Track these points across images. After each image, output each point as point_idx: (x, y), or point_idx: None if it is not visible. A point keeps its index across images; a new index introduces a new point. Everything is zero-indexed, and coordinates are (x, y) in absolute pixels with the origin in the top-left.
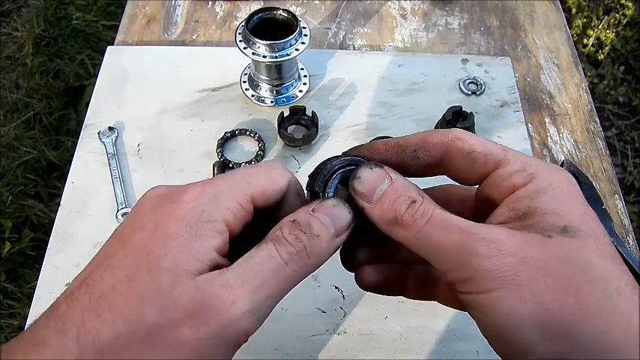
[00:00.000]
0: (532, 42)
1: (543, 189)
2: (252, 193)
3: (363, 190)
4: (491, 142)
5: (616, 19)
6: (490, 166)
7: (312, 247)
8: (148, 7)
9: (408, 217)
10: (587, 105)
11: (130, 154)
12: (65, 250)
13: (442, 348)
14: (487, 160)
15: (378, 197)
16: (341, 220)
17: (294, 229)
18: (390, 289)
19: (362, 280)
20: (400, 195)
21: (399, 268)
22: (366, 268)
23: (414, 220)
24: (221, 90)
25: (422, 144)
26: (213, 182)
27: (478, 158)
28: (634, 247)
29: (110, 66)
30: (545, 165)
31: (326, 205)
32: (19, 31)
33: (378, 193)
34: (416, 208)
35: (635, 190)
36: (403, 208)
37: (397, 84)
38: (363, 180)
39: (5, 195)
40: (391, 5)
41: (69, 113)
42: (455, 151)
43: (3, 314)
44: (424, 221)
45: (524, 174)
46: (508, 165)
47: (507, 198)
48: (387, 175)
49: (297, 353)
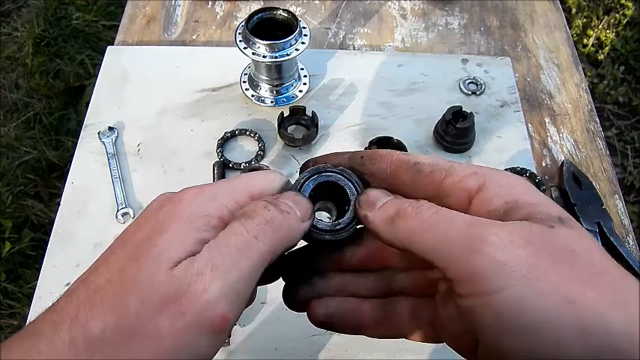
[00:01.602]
0: (532, 42)
1: (507, 184)
2: (250, 192)
3: (368, 199)
4: (438, 157)
5: (616, 19)
6: (436, 176)
7: (282, 219)
8: (148, 7)
9: (412, 209)
10: (587, 105)
11: (130, 154)
12: (65, 250)
13: (442, 348)
14: (433, 170)
15: (381, 205)
16: (303, 206)
17: (263, 203)
18: (345, 325)
19: (312, 315)
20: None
21: (354, 300)
22: (316, 302)
23: (419, 211)
24: (221, 90)
25: (370, 154)
26: (213, 184)
27: (424, 168)
28: (634, 247)
29: (110, 66)
30: (492, 168)
31: (287, 194)
32: (19, 31)
33: (381, 202)
34: (420, 203)
35: (635, 190)
36: (407, 204)
37: (397, 84)
38: (369, 193)
39: (5, 195)
40: (391, 5)
41: (69, 113)
42: (401, 162)
43: (3, 314)
44: (431, 212)
45: (476, 177)
46: (455, 172)
47: (473, 206)
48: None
49: (297, 353)
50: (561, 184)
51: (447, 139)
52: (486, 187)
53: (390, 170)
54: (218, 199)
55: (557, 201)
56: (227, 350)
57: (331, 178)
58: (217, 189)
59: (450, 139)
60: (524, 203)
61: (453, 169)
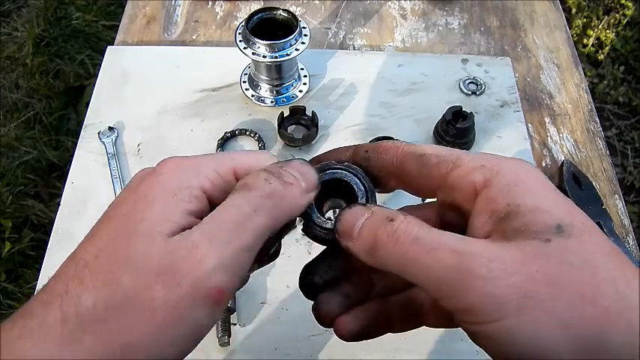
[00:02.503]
0: (532, 42)
1: (514, 182)
2: (234, 167)
3: (344, 229)
4: (444, 147)
5: (616, 19)
6: (443, 167)
7: (284, 192)
8: (148, 7)
9: (388, 236)
10: (587, 105)
11: (130, 154)
12: (65, 250)
13: (442, 348)
14: (440, 162)
15: (357, 231)
16: (309, 176)
17: (265, 174)
18: (377, 331)
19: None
20: (378, 220)
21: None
22: (343, 318)
23: (396, 239)
24: (221, 90)
25: (374, 147)
26: (196, 156)
27: (430, 160)
28: (634, 247)
29: (110, 66)
30: (502, 157)
31: (294, 163)
32: (19, 31)
33: (357, 226)
34: (395, 227)
35: (635, 190)
36: (381, 230)
37: (397, 84)
38: (342, 220)
39: (5, 195)
40: (391, 5)
41: (69, 113)
42: (406, 154)
43: (3, 314)
44: (409, 240)
45: (483, 170)
46: (463, 164)
47: (478, 202)
48: (368, 210)
49: (297, 353)
50: (561, 184)
51: (447, 139)
52: (492, 184)
53: (397, 163)
54: (201, 171)
55: None
56: (227, 350)
57: (337, 175)
58: (200, 160)
59: (450, 139)
60: (524, 210)
61: (460, 161)
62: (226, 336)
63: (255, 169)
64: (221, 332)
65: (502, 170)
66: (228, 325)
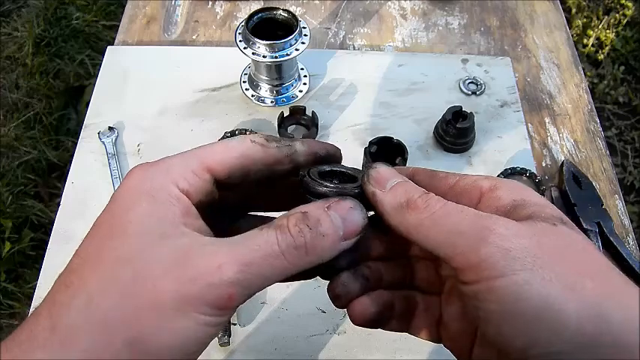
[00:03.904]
0: (532, 42)
1: (518, 187)
2: (206, 163)
3: (379, 176)
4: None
5: (616, 19)
6: (451, 178)
7: (313, 246)
8: (148, 7)
9: (422, 201)
10: (587, 105)
11: (130, 154)
12: (65, 250)
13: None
14: (448, 175)
15: (392, 186)
16: (354, 224)
17: (301, 223)
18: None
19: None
20: (413, 187)
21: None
22: (363, 300)
23: (428, 203)
24: (221, 90)
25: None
26: (165, 158)
27: (439, 174)
28: (634, 247)
29: (110, 66)
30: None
31: (343, 205)
32: (19, 31)
33: (391, 183)
34: (430, 196)
35: (635, 190)
36: (417, 195)
37: (397, 84)
38: (379, 169)
39: (5, 195)
40: (391, 5)
41: (69, 113)
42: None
43: (3, 314)
44: (439, 205)
45: (488, 179)
46: (469, 176)
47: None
48: (401, 176)
49: (297, 353)
50: (561, 184)
51: (447, 139)
52: (497, 187)
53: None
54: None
55: (557, 201)
56: (227, 350)
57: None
58: (169, 162)
59: (450, 139)
60: (531, 202)
61: (466, 176)
62: (226, 336)
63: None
64: (221, 332)
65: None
66: (228, 325)
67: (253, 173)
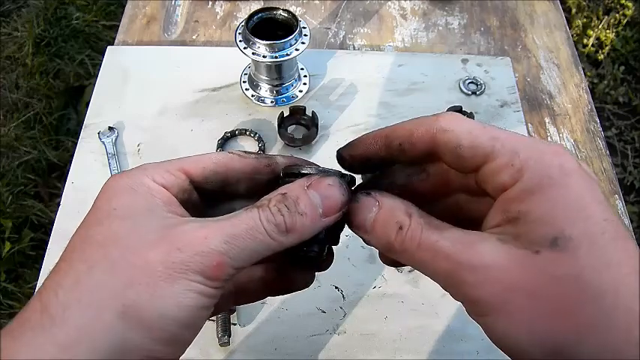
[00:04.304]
0: (532, 42)
1: (531, 189)
2: (180, 165)
3: (357, 224)
4: (479, 128)
5: (616, 19)
6: (478, 160)
7: (292, 224)
8: (148, 7)
9: (399, 244)
10: (587, 105)
11: (130, 154)
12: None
13: (442, 348)
14: (475, 155)
15: (370, 226)
16: (333, 201)
17: (280, 202)
18: None
19: None
20: (388, 220)
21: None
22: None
23: (404, 246)
24: (221, 90)
25: (407, 137)
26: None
27: (465, 154)
28: None
29: (110, 66)
30: (536, 152)
31: (321, 183)
32: (19, 31)
33: (369, 221)
34: (404, 234)
35: (635, 190)
36: (392, 235)
37: (397, 84)
38: (353, 214)
39: (5, 195)
40: (391, 5)
41: (69, 113)
42: (441, 145)
43: (3, 314)
44: (414, 246)
45: (512, 170)
46: (496, 159)
47: (499, 198)
48: (375, 202)
49: (297, 353)
50: None
51: None
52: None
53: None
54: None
55: None
56: (227, 350)
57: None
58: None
59: None
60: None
61: (494, 155)
62: (226, 336)
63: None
64: (221, 332)
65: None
66: (228, 325)
67: (234, 181)
